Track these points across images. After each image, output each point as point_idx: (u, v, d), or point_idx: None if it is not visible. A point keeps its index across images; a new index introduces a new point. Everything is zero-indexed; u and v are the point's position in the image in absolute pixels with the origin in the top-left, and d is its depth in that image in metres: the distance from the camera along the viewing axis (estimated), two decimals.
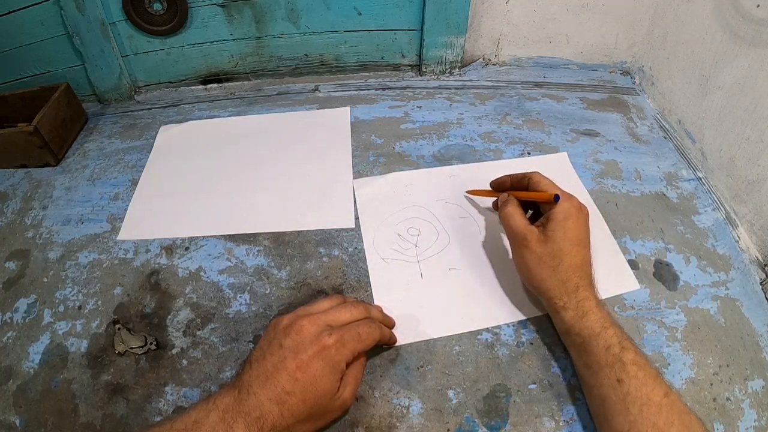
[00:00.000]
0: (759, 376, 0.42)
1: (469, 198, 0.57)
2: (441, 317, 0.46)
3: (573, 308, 0.39)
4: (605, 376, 0.35)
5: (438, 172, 0.60)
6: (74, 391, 0.42)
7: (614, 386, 0.35)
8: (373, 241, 0.53)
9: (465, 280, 0.49)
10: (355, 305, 0.41)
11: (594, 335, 0.37)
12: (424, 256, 0.51)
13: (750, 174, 0.53)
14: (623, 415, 0.34)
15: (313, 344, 0.35)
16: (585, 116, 0.69)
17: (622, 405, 0.34)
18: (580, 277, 0.40)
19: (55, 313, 0.48)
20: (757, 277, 0.50)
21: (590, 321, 0.38)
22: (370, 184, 0.59)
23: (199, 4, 0.67)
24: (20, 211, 0.58)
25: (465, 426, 0.40)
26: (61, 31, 0.66)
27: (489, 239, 0.53)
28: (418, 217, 0.55)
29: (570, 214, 0.41)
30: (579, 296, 0.39)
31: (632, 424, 0.33)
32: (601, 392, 0.35)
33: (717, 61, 0.57)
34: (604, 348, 0.36)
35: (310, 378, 0.34)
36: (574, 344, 0.39)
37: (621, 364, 0.35)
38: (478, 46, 0.76)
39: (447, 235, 0.53)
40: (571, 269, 0.40)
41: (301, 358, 0.35)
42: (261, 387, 0.34)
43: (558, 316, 0.40)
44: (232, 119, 0.70)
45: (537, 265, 0.41)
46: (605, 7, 0.70)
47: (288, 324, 0.37)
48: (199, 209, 0.57)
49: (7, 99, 0.66)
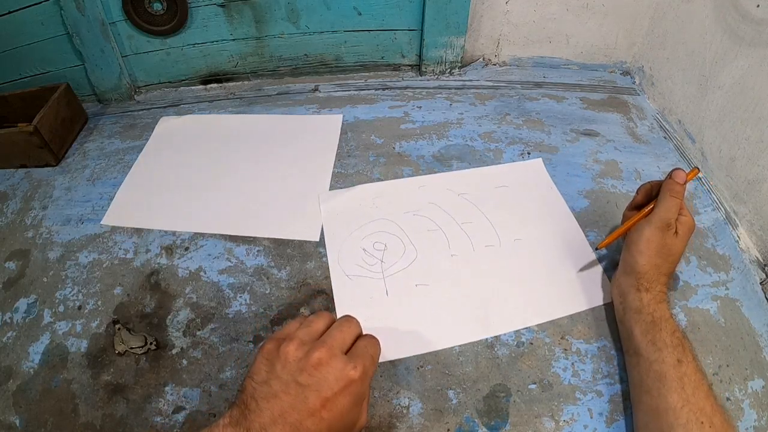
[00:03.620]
0: (759, 376, 0.42)
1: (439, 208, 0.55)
2: (405, 336, 0.44)
3: (654, 292, 0.42)
4: (669, 354, 0.38)
5: (407, 183, 0.59)
6: (74, 391, 0.42)
7: (675, 365, 0.38)
8: (337, 257, 0.51)
9: (431, 296, 0.48)
10: (349, 322, 0.38)
11: (665, 318, 0.41)
12: (390, 271, 0.49)
13: (750, 174, 0.53)
14: (678, 393, 0.36)
15: (339, 381, 0.32)
16: (585, 116, 0.69)
17: (679, 383, 0.37)
18: (668, 276, 0.44)
19: (55, 313, 0.48)
20: (757, 277, 0.50)
21: (664, 307, 0.42)
22: (335, 197, 0.57)
23: (199, 4, 0.67)
24: (20, 211, 0.58)
25: (465, 426, 0.40)
26: (61, 31, 0.66)
27: (458, 252, 0.51)
28: (384, 230, 0.53)
29: (692, 229, 0.44)
30: (662, 286, 0.43)
31: (686, 402, 0.36)
32: (662, 368, 0.38)
33: (717, 61, 0.57)
34: (671, 331, 0.40)
35: (337, 415, 0.32)
36: (644, 322, 0.41)
37: (682, 348, 0.39)
38: (478, 46, 0.76)
39: (414, 249, 0.51)
40: (670, 268, 0.44)
41: (326, 396, 0.32)
42: (279, 430, 0.30)
43: (638, 294, 0.43)
44: (231, 116, 0.70)
45: (656, 250, 0.43)
46: (605, 7, 0.70)
47: (300, 356, 0.33)
48: (183, 203, 0.58)
49: (7, 99, 0.66)
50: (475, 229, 0.53)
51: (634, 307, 0.42)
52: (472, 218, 0.54)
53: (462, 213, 0.55)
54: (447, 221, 0.54)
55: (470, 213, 0.55)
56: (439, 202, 0.56)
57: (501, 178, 0.55)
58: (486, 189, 0.57)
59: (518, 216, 0.55)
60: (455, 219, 0.54)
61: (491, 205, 0.56)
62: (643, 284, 0.42)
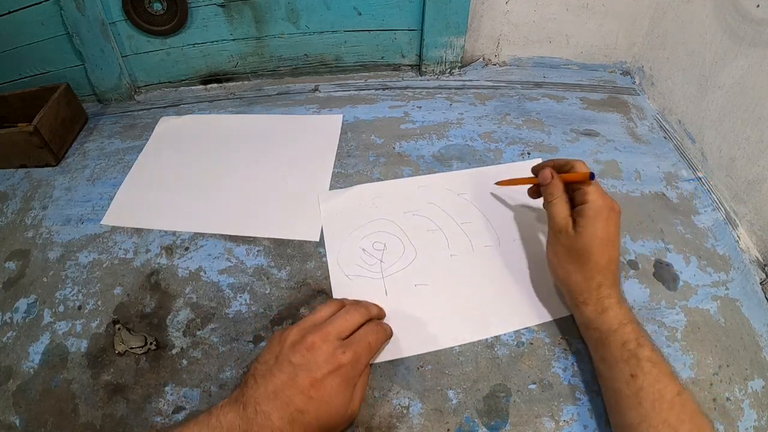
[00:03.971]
0: (759, 376, 0.42)
1: (438, 208, 0.55)
2: (404, 336, 0.44)
3: (593, 304, 0.39)
4: (620, 371, 0.36)
5: (407, 183, 0.59)
6: (74, 391, 0.42)
7: (628, 381, 0.35)
8: (337, 257, 0.51)
9: (431, 296, 0.47)
10: (356, 308, 0.40)
11: (611, 331, 0.38)
12: (389, 271, 0.49)
13: (750, 174, 0.53)
14: (635, 410, 0.34)
15: (328, 362, 0.35)
16: (585, 116, 0.69)
17: (635, 399, 0.34)
18: (604, 276, 0.40)
19: (55, 313, 0.48)
20: (757, 277, 0.50)
21: (609, 317, 0.38)
22: (335, 197, 0.57)
23: (199, 4, 0.67)
24: (20, 211, 0.58)
25: (465, 426, 0.40)
26: (61, 31, 0.66)
27: (457, 252, 0.51)
28: (383, 230, 0.53)
29: (600, 213, 0.40)
30: (601, 294, 0.39)
31: (644, 418, 0.34)
32: (615, 386, 0.36)
33: (717, 61, 0.57)
34: (621, 343, 0.37)
35: (325, 396, 0.34)
36: (592, 338, 0.39)
37: (636, 360, 0.36)
38: (478, 46, 0.76)
39: (413, 249, 0.51)
40: (596, 269, 0.39)
41: (315, 376, 0.34)
42: (271, 405, 0.33)
43: (578, 310, 0.41)
44: (231, 116, 0.71)
45: (564, 259, 0.41)
46: (605, 7, 0.70)
47: (296, 340, 0.36)
48: (183, 203, 0.58)
49: (7, 99, 0.66)
50: (475, 229, 0.53)
51: (581, 323, 0.41)
52: (471, 218, 0.54)
53: (461, 213, 0.55)
54: (446, 221, 0.54)
55: (470, 213, 0.55)
56: (439, 202, 0.56)
57: (500, 177, 0.55)
58: (485, 189, 0.57)
59: (518, 216, 0.55)
60: (454, 219, 0.54)
61: (491, 204, 0.56)
62: (577, 298, 0.40)
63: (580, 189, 0.42)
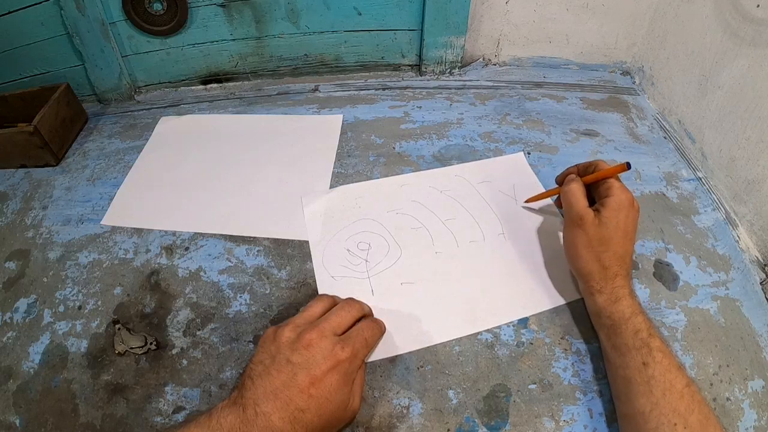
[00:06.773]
0: (759, 376, 0.42)
1: (422, 206, 0.55)
2: (392, 334, 0.44)
3: (608, 293, 0.40)
4: (632, 359, 0.37)
5: (389, 182, 0.58)
6: (74, 391, 0.42)
7: (640, 369, 0.36)
8: (322, 259, 0.51)
9: (417, 294, 0.47)
10: (350, 304, 0.40)
11: (624, 319, 0.38)
12: (374, 271, 0.49)
13: (750, 174, 0.53)
14: (646, 397, 0.35)
15: (327, 359, 0.34)
16: (585, 116, 0.69)
17: (646, 387, 0.35)
18: (620, 266, 0.41)
19: (55, 313, 0.48)
20: (757, 277, 0.50)
21: (622, 306, 0.39)
22: (318, 199, 0.56)
23: (199, 4, 0.67)
24: (20, 211, 0.58)
25: (465, 426, 0.40)
26: (61, 31, 0.66)
27: (442, 249, 0.51)
28: (367, 230, 0.53)
29: (623, 206, 0.42)
30: (615, 283, 0.40)
31: (654, 405, 0.34)
32: (627, 373, 0.37)
33: (717, 61, 0.57)
34: (633, 332, 0.38)
35: (325, 393, 0.34)
36: (605, 326, 0.40)
37: (648, 349, 0.36)
38: (478, 46, 0.76)
39: (398, 247, 0.51)
40: (614, 258, 0.41)
41: (314, 374, 0.34)
42: (270, 406, 0.32)
43: (592, 298, 0.41)
44: (231, 116, 0.71)
45: (585, 247, 0.42)
46: (605, 7, 0.70)
47: (293, 338, 0.36)
48: (183, 203, 0.58)
49: (7, 99, 0.66)
50: (459, 225, 0.53)
51: (593, 311, 0.42)
52: (455, 214, 0.54)
53: (445, 210, 0.55)
54: (430, 218, 0.54)
55: (453, 209, 0.55)
56: (422, 199, 0.56)
57: (483, 173, 0.55)
58: (468, 185, 0.57)
59: (502, 210, 0.55)
60: (438, 216, 0.54)
61: (474, 200, 0.56)
62: (593, 286, 0.41)
63: (605, 183, 0.44)
